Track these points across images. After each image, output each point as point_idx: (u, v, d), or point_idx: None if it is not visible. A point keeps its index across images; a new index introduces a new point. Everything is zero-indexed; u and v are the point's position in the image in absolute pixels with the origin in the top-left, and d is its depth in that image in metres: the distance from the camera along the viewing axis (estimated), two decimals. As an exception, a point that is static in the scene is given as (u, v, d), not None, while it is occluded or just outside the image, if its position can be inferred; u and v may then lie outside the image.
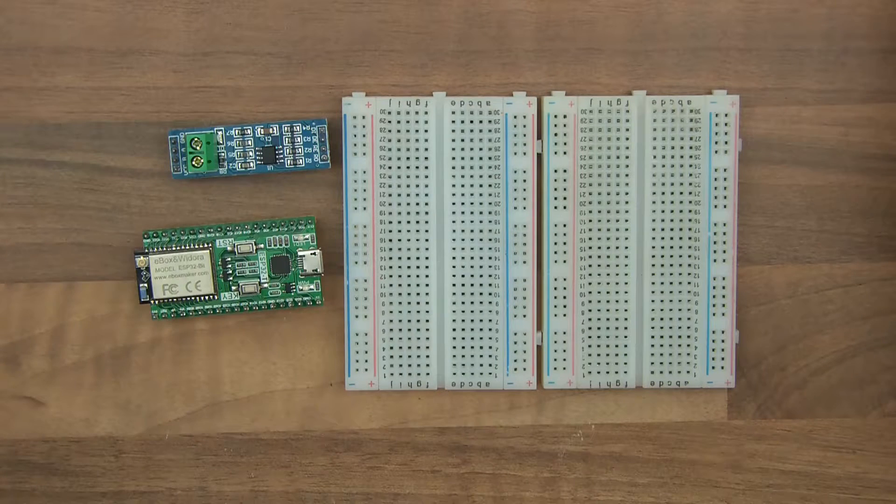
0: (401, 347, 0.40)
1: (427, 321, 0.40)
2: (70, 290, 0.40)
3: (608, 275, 0.40)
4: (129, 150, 0.40)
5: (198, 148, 0.39)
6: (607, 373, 0.41)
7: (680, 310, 0.40)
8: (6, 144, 0.40)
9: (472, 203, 0.40)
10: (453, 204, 0.40)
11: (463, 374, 0.40)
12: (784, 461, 0.42)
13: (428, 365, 0.40)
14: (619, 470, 0.42)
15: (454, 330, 0.40)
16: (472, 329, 0.40)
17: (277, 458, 0.41)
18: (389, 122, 0.40)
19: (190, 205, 0.40)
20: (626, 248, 0.40)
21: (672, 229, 0.40)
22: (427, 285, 0.40)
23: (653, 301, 0.40)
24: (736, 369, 0.41)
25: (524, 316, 0.40)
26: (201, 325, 0.41)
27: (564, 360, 0.40)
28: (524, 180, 0.40)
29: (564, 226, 0.40)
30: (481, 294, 0.40)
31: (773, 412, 0.42)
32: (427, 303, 0.40)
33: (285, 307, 0.40)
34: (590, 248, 0.40)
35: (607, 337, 0.41)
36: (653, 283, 0.40)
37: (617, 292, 0.40)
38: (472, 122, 0.40)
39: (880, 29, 0.41)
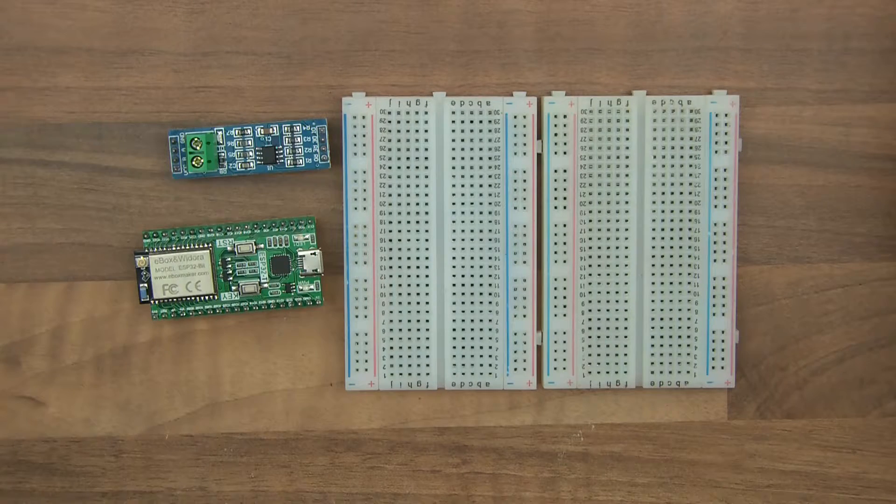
0: (401, 347, 0.40)
1: (427, 321, 0.40)
2: (70, 290, 0.40)
3: (608, 275, 0.40)
4: (129, 150, 0.40)
5: (198, 148, 0.39)
6: (607, 373, 0.41)
7: (680, 310, 0.40)
8: (6, 144, 0.40)
9: (472, 203, 0.40)
10: (453, 204, 0.40)
11: (463, 374, 0.40)
12: (784, 461, 0.42)
13: (428, 365, 0.40)
14: (619, 470, 0.42)
15: (454, 330, 0.40)
16: (472, 329, 0.40)
17: (277, 458, 0.41)
18: (389, 122, 0.40)
19: (190, 205, 0.40)
20: (626, 248, 0.40)
21: (672, 229, 0.40)
22: (427, 285, 0.40)
23: (653, 301, 0.40)
24: (736, 369, 0.41)
25: (524, 316, 0.40)
26: (201, 325, 0.41)
27: (564, 360, 0.40)
28: (524, 180, 0.40)
29: (564, 226, 0.40)
30: (481, 294, 0.40)
31: (773, 412, 0.42)
32: (427, 303, 0.40)
33: (285, 307, 0.40)
34: (590, 248, 0.40)
35: (607, 337, 0.41)
36: (653, 283, 0.40)
37: (617, 292, 0.40)
38: (472, 122, 0.40)
39: (880, 29, 0.41)
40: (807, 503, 0.42)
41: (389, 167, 0.40)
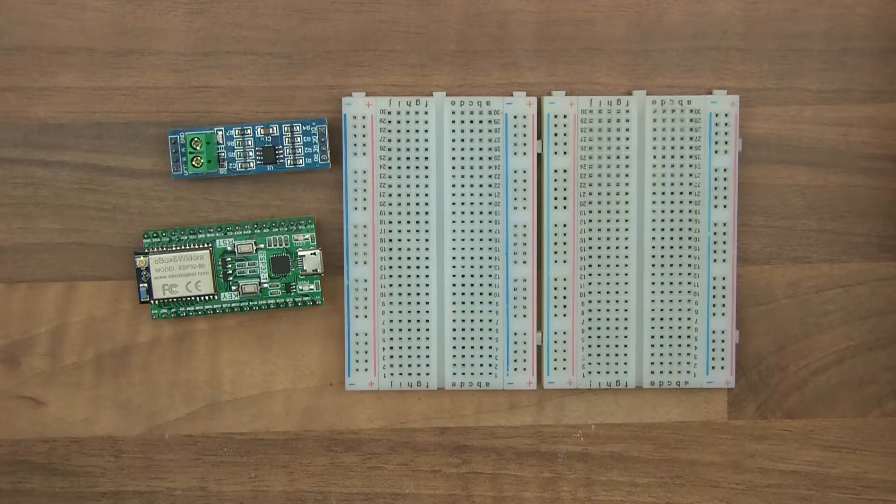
0: (401, 347, 0.40)
1: (427, 321, 0.40)
2: (70, 290, 0.40)
3: (608, 275, 0.40)
4: (129, 150, 0.40)
5: (198, 148, 0.39)
6: (607, 373, 0.41)
7: (680, 310, 0.40)
8: (6, 144, 0.40)
9: (472, 203, 0.40)
10: (453, 204, 0.40)
11: (463, 374, 0.40)
12: (784, 461, 0.42)
13: (428, 365, 0.40)
14: (619, 470, 0.42)
15: (454, 330, 0.40)
16: (472, 329, 0.40)
17: (277, 458, 0.41)
18: (389, 122, 0.40)
19: (190, 205, 0.40)
20: (626, 248, 0.40)
21: (672, 229, 0.40)
22: (427, 285, 0.40)
23: (653, 301, 0.40)
24: (736, 369, 0.41)
25: (524, 316, 0.40)
26: (201, 325, 0.41)
27: (564, 360, 0.40)
28: (524, 180, 0.40)
29: (564, 226, 0.40)
30: (481, 294, 0.40)
31: (773, 412, 0.42)
32: (427, 303, 0.40)
33: (285, 307, 0.40)
34: (590, 248, 0.40)
35: (607, 337, 0.41)
36: (653, 283, 0.40)
37: (617, 292, 0.40)
38: (472, 122, 0.40)
39: (880, 29, 0.41)
40: (807, 503, 0.42)
41: (389, 167, 0.40)
